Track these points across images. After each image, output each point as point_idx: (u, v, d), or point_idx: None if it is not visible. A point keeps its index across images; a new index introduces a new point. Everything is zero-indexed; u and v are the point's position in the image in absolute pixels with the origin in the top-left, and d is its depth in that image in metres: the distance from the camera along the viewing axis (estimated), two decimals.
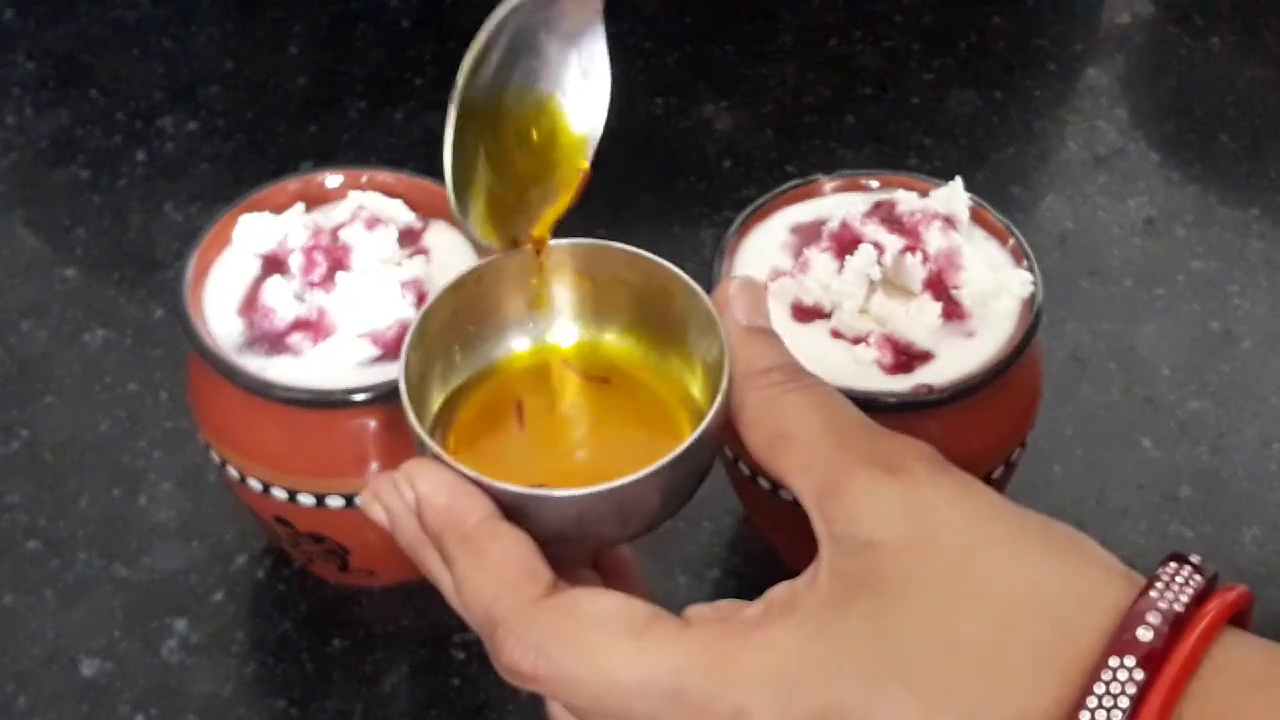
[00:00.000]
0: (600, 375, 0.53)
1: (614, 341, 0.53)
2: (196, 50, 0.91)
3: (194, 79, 0.89)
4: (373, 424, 0.58)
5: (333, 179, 0.64)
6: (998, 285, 0.59)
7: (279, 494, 0.60)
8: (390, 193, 0.63)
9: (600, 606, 0.44)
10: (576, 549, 0.48)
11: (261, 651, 0.64)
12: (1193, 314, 0.77)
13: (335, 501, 0.60)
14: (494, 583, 0.44)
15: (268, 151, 0.85)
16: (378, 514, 0.48)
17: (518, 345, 0.53)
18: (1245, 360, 0.75)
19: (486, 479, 0.46)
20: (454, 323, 0.52)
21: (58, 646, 0.64)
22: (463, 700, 0.63)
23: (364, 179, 0.64)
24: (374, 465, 0.59)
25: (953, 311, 0.59)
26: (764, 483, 0.60)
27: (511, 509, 0.46)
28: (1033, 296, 0.59)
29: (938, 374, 0.57)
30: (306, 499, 0.60)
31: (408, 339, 0.50)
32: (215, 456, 0.61)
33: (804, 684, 0.41)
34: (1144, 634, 0.39)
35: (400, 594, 0.66)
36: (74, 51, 0.91)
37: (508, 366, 0.53)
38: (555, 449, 0.52)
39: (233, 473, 0.61)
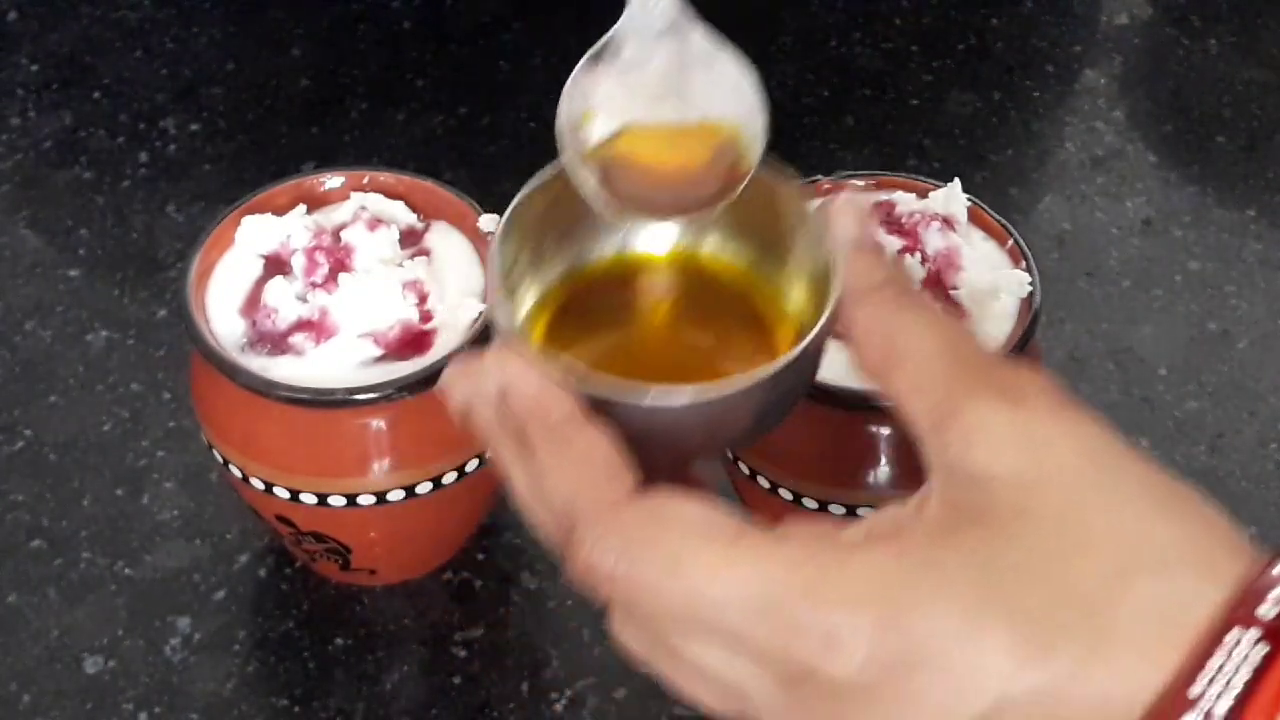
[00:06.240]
0: (696, 285, 0.50)
1: (712, 251, 0.50)
2: (198, 51, 0.91)
3: (196, 80, 0.90)
4: (375, 424, 0.59)
5: (334, 180, 0.64)
6: (996, 285, 0.59)
7: (281, 493, 0.60)
8: (391, 194, 0.64)
9: (689, 510, 0.41)
10: (658, 458, 0.44)
11: (263, 650, 0.65)
12: (1190, 314, 0.77)
13: (337, 501, 0.60)
14: (577, 478, 0.42)
15: (269, 152, 0.85)
16: (457, 397, 0.45)
17: (610, 249, 0.50)
18: (1242, 360, 0.75)
19: (576, 374, 0.43)
20: (545, 220, 0.48)
21: (61, 645, 0.65)
22: (464, 699, 0.63)
23: (365, 180, 0.64)
24: (376, 465, 0.59)
25: (951, 311, 0.59)
26: (764, 482, 0.60)
27: (598, 408, 0.43)
28: (1031, 297, 0.59)
29: None
30: (308, 498, 0.60)
31: (498, 230, 0.47)
32: (218, 456, 0.62)
33: (902, 613, 0.38)
34: (1267, 610, 0.37)
35: (401, 593, 0.66)
36: (76, 53, 0.91)
37: (599, 270, 0.50)
38: (645, 357, 0.49)
39: (235, 472, 0.61)
